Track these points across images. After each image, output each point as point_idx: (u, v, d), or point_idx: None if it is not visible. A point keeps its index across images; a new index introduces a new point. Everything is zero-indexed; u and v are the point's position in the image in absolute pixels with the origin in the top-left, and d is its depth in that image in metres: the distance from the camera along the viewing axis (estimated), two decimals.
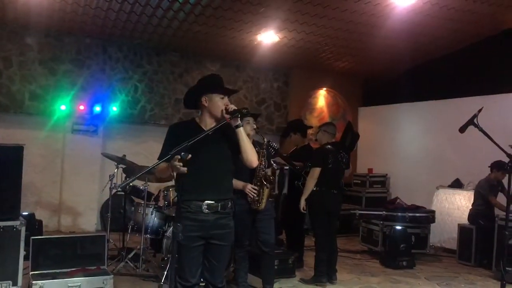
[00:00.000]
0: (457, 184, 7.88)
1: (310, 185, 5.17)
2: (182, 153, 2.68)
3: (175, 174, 2.75)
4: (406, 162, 8.92)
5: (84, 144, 7.63)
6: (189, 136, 2.77)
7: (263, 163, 4.27)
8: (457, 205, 7.68)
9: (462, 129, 3.77)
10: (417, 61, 8.92)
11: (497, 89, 7.52)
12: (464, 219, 7.26)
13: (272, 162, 4.76)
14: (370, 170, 9.17)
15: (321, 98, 9.79)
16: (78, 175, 7.59)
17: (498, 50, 7.76)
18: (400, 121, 9.25)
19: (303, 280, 5.33)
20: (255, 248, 4.59)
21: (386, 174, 9.20)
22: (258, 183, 4.24)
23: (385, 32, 7.44)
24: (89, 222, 7.71)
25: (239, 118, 2.96)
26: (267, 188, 4.29)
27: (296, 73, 9.40)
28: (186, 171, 2.70)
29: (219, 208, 2.99)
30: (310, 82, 9.55)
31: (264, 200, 4.30)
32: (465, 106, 8.14)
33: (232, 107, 2.97)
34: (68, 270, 4.50)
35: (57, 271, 4.46)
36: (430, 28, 7.41)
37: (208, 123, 3.05)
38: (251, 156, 3.05)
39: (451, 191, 7.88)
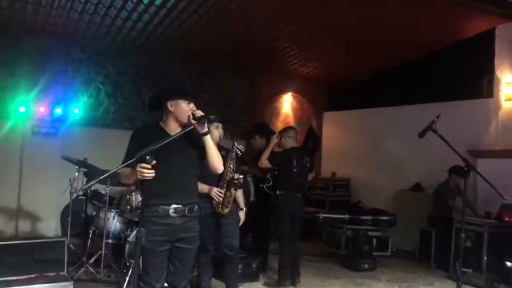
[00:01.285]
0: (417, 188, 8.09)
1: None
2: (147, 157, 2.66)
3: (139, 179, 2.71)
4: (368, 167, 9.09)
5: (43, 146, 7.40)
6: (154, 140, 2.75)
7: (231, 167, 4.25)
8: (417, 208, 7.88)
9: (421, 135, 3.88)
10: (380, 67, 9.09)
11: (455, 96, 7.77)
12: (424, 222, 7.47)
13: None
14: (333, 174, 9.30)
15: (287, 103, 9.88)
16: (37, 178, 7.35)
17: (456, 58, 8.02)
18: (363, 126, 9.42)
19: (266, 284, 5.36)
20: (219, 252, 4.57)
21: (349, 178, 9.35)
22: (225, 186, 4.22)
23: (351, 35, 7.54)
24: (49, 227, 7.49)
25: (206, 124, 2.95)
26: (234, 191, 4.27)
27: (262, 78, 9.43)
28: (152, 177, 2.67)
29: (186, 211, 2.98)
30: (275, 87, 9.61)
31: (229, 204, 4.28)
32: (425, 112, 8.31)
33: (199, 113, 2.96)
34: (26, 277, 4.38)
35: (14, 278, 4.33)
36: (392, 37, 7.57)
37: (173, 128, 3.03)
38: (216, 162, 3.06)
39: (411, 194, 8.08)
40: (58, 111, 7.39)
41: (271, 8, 6.71)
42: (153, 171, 2.67)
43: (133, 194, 5.24)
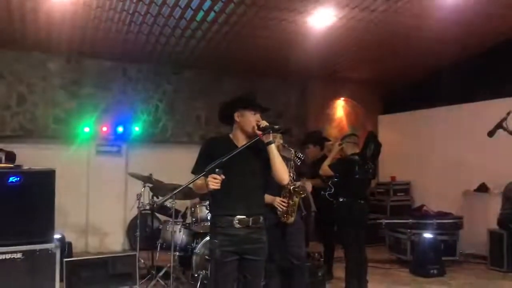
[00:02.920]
0: (483, 189, 7.77)
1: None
2: (217, 170, 2.74)
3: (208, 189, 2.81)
4: (429, 169, 8.81)
5: (108, 164, 7.75)
6: (223, 151, 2.85)
7: (292, 175, 4.26)
8: (484, 210, 7.57)
9: (491, 133, 3.75)
10: (435, 66, 8.86)
11: None
12: (492, 224, 7.16)
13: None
14: (393, 178, 9.09)
15: (340, 108, 9.79)
16: (104, 195, 7.68)
17: None
18: (421, 127, 9.16)
19: None
20: (285, 261, 4.57)
21: (409, 182, 9.12)
22: (287, 195, 4.23)
23: (404, 38, 7.41)
24: (116, 242, 7.79)
25: (270, 134, 2.99)
26: (297, 199, 4.27)
27: (312, 84, 9.42)
28: (218, 188, 2.76)
29: (250, 223, 3.01)
30: (327, 93, 9.57)
31: (294, 213, 4.28)
32: (487, 109, 8.10)
33: (264, 123, 3.02)
34: None
35: None
36: (451, 31, 7.34)
37: (240, 139, 3.10)
38: (281, 173, 3.08)
39: (477, 196, 7.77)
40: (120, 129, 7.70)
41: None
42: (219, 183, 2.76)
43: (197, 206, 5.36)
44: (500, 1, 6.51)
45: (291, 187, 4.22)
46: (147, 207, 5.68)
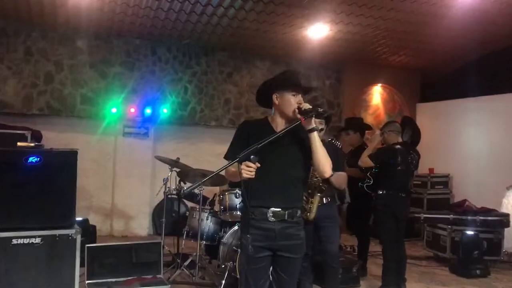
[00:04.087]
0: None
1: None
2: (252, 157, 2.42)
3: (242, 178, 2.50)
4: (471, 161, 8.32)
5: (135, 146, 7.54)
6: (261, 136, 2.53)
7: None
8: None
9: None
10: (481, 52, 8.29)
11: None
12: None
13: None
14: (431, 170, 8.61)
15: (376, 94, 9.31)
16: (130, 178, 7.49)
17: None
18: (463, 117, 8.64)
19: None
20: (318, 256, 4.26)
21: (449, 174, 8.63)
22: (309, 191, 3.87)
23: (447, 21, 6.91)
24: (141, 226, 7.61)
25: (313, 119, 2.64)
26: (317, 197, 3.89)
27: (348, 69, 8.97)
28: (251, 177, 2.46)
29: (286, 216, 2.69)
30: (364, 78, 9.09)
31: (314, 210, 3.90)
32: None
33: (306, 105, 2.67)
34: (124, 279, 4.37)
35: (113, 280, 4.34)
36: (497, 15, 6.81)
37: (279, 124, 2.77)
38: (324, 164, 2.72)
39: None
40: (148, 111, 7.45)
41: None
42: (254, 171, 2.46)
43: (226, 194, 5.06)
44: None
45: (314, 184, 3.84)
46: (174, 193, 5.43)
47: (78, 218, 5.38)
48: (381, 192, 4.86)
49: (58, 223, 3.69)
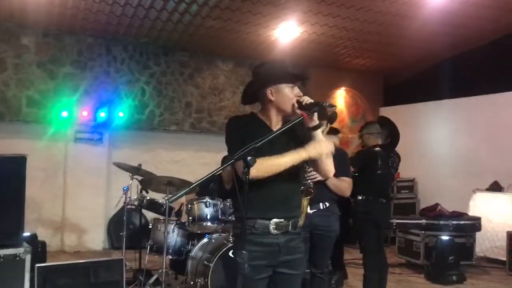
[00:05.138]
0: (496, 187, 7.23)
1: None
2: (249, 158, 2.01)
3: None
4: (436, 165, 8.27)
5: (88, 153, 6.93)
6: (255, 135, 2.11)
7: (309, 171, 3.53)
8: (498, 210, 7.03)
9: None
10: (445, 55, 8.28)
11: None
12: (508, 225, 6.64)
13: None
14: (397, 174, 8.49)
15: (340, 98, 9.15)
16: (82, 188, 6.87)
17: None
18: (427, 121, 8.61)
19: None
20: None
21: (414, 179, 8.55)
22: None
23: (416, 23, 6.79)
24: (96, 240, 6.99)
25: (315, 115, 2.28)
26: (305, 202, 3.53)
27: (313, 72, 8.71)
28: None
29: (289, 227, 2.31)
30: (328, 82, 8.90)
31: (302, 216, 3.53)
32: (499, 102, 7.61)
33: (307, 99, 2.29)
34: None
35: None
36: (466, 17, 6.76)
37: (274, 121, 2.38)
38: (329, 165, 2.37)
39: (490, 195, 7.23)
40: (102, 115, 6.89)
41: None
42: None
43: (194, 203, 4.61)
44: None
45: (306, 186, 3.47)
46: (135, 203, 4.92)
47: (25, 234, 4.81)
48: (360, 198, 4.57)
49: (3, 240, 3.13)
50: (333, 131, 5.47)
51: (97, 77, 6.98)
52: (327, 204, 3.69)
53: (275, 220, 2.27)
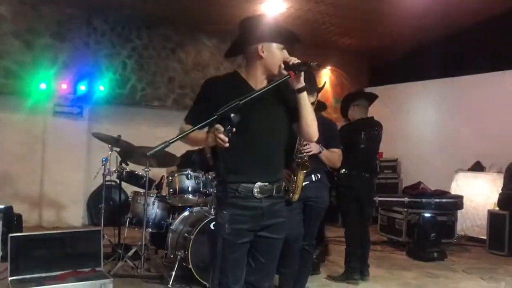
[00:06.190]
0: (478, 167, 7.28)
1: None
2: (232, 115, 1.91)
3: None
4: (419, 145, 8.28)
5: (67, 128, 6.75)
6: (236, 94, 2.01)
7: (303, 143, 3.43)
8: (479, 190, 7.08)
9: None
10: (430, 36, 8.23)
11: None
12: (489, 204, 6.68)
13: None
14: (380, 154, 8.48)
15: (325, 77, 9.05)
16: (62, 163, 6.70)
17: None
18: (411, 102, 8.60)
19: (331, 278, 4.62)
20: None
21: (397, 159, 8.57)
22: (294, 168, 3.41)
23: (404, 1, 6.72)
24: (75, 216, 6.85)
25: (302, 77, 2.19)
26: (301, 175, 3.44)
27: (299, 50, 8.60)
28: (226, 146, 1.94)
29: (273, 191, 2.24)
30: (312, 60, 8.78)
31: (298, 190, 3.45)
32: (483, 82, 7.61)
33: (295, 59, 2.21)
34: (57, 273, 3.72)
35: (43, 275, 3.67)
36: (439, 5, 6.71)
37: (259, 80, 2.28)
38: (313, 128, 2.31)
39: (471, 174, 7.27)
40: (82, 88, 6.70)
41: None
42: (226, 139, 1.94)
43: (175, 175, 4.52)
44: None
45: (301, 158, 3.38)
46: (115, 175, 4.80)
47: (0, 205, 4.70)
48: (343, 172, 4.52)
49: None
50: (321, 106, 5.42)
51: (77, 49, 6.77)
52: (319, 176, 3.62)
53: (259, 183, 2.20)
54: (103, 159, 4.71)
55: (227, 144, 1.94)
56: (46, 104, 6.67)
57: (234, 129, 1.94)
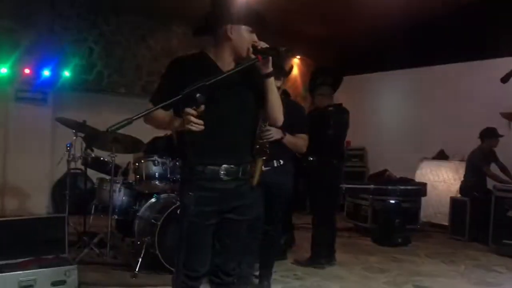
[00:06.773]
0: (442, 156, 7.49)
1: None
2: (198, 95, 1.91)
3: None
4: (385, 134, 8.45)
5: (31, 114, 6.56)
6: (202, 74, 2.00)
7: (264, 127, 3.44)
8: (442, 177, 7.29)
9: (504, 79, 3.16)
10: (397, 26, 8.33)
11: (485, 55, 7.11)
12: (451, 192, 6.90)
13: None
14: (347, 142, 8.59)
15: (294, 67, 9.10)
16: (25, 150, 6.51)
17: (485, 14, 7.32)
18: (378, 91, 8.76)
19: (298, 262, 4.68)
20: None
21: (364, 148, 8.71)
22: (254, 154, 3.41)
23: None
24: (40, 205, 6.68)
25: (270, 62, 2.19)
26: (261, 162, 3.45)
27: (267, 40, 8.61)
28: (201, 129, 1.97)
29: (240, 173, 2.24)
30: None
31: (256, 175, 3.46)
32: (449, 73, 7.79)
33: (263, 44, 2.20)
34: (19, 260, 3.62)
35: (4, 262, 3.57)
36: None
37: (227, 62, 2.26)
38: (278, 112, 2.32)
39: (435, 163, 7.47)
40: (46, 73, 6.53)
41: None
42: (201, 121, 1.96)
43: (142, 162, 4.46)
44: None
45: (261, 145, 3.38)
46: (80, 162, 4.71)
47: None
48: (311, 159, 4.56)
49: None
50: (283, 94, 5.42)
51: (40, 34, 6.57)
52: (281, 162, 3.61)
53: (225, 166, 2.20)
54: (67, 144, 4.61)
55: (203, 127, 1.95)
56: (7, 89, 6.46)
57: (202, 107, 1.94)
